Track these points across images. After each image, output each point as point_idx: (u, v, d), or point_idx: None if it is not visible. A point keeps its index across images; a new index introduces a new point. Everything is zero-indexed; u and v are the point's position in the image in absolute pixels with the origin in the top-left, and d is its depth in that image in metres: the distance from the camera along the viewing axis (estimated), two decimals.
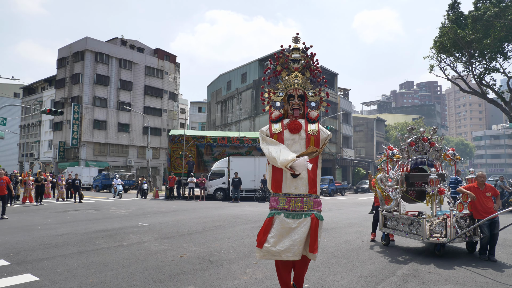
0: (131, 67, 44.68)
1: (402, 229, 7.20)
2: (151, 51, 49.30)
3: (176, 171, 25.45)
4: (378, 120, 59.52)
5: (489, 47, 20.23)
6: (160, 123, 47.37)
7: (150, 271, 5.49)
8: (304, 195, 3.92)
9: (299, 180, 3.89)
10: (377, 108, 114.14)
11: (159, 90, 47.65)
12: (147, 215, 13.24)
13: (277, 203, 3.95)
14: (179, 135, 26.47)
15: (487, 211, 6.49)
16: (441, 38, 21.57)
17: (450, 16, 21.59)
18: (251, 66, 42.36)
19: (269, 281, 5.01)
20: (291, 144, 3.98)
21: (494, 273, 5.61)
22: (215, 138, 27.58)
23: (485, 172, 30.80)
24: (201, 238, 8.31)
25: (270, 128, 4.08)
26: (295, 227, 3.81)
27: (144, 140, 43.84)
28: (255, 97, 40.20)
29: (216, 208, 16.37)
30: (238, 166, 22.36)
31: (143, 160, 43.45)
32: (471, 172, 7.51)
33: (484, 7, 19.58)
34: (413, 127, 7.98)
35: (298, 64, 4.25)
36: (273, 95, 4.27)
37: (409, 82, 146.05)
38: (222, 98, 47.38)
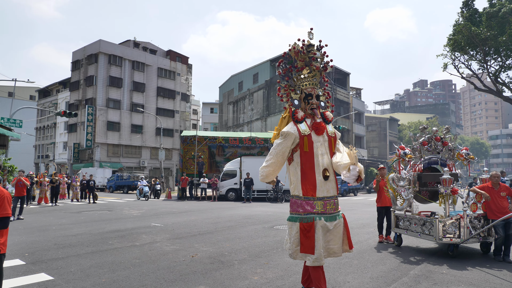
0: (143, 69, 45.14)
1: (414, 230, 7.12)
2: (163, 53, 49.73)
3: (189, 171, 25.61)
4: (391, 119, 58.90)
5: (504, 44, 19.85)
6: (173, 124, 47.74)
7: (161, 271, 5.54)
8: (334, 197, 3.99)
9: (329, 182, 3.94)
10: (390, 107, 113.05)
11: (172, 91, 48.03)
12: (159, 215, 13.36)
13: (312, 207, 3.86)
14: (191, 136, 26.64)
15: (502, 211, 6.37)
16: (455, 36, 21.26)
17: (464, 13, 21.27)
18: (263, 67, 42.38)
19: (279, 281, 5.01)
20: (319, 146, 3.94)
21: (509, 274, 5.51)
22: (227, 139, 27.68)
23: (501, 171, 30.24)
24: (212, 239, 8.35)
25: (298, 130, 3.94)
26: (332, 229, 3.86)
27: (156, 141, 44.24)
28: (267, 97, 40.21)
29: (227, 209, 16.42)
30: (249, 167, 22.38)
31: (156, 161, 43.87)
32: (485, 171, 7.39)
33: (499, 4, 19.24)
34: (426, 127, 7.89)
35: (319, 63, 4.20)
36: (291, 92, 4.17)
37: (423, 81, 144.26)
38: (234, 99, 47.50)
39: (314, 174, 3.88)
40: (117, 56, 42.95)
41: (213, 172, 27.10)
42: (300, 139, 3.90)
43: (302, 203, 3.90)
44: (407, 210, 7.51)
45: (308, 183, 3.87)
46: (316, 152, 3.91)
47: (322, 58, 4.21)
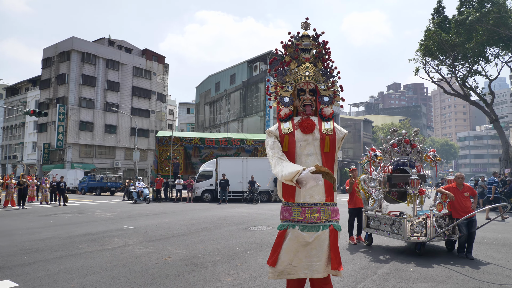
0: (118, 67, 44.34)
1: (384, 229, 7.33)
2: (139, 52, 49.01)
3: (164, 172, 25.34)
4: (366, 121, 60.13)
5: (471, 50, 20.63)
6: (148, 124, 47.10)
7: (133, 274, 5.49)
8: (320, 204, 3.42)
9: (315, 187, 3.40)
10: (365, 109, 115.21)
11: (147, 91, 47.39)
12: (133, 218, 13.18)
13: (290, 214, 3.42)
14: (167, 137, 26.38)
15: (465, 211, 6.66)
16: (426, 42, 21.92)
17: (435, 20, 21.97)
18: (240, 68, 42.40)
19: (252, 283, 5.06)
20: (304, 145, 3.49)
21: (471, 270, 5.76)
22: (203, 140, 27.55)
23: (469, 172, 31.22)
24: (186, 241, 8.32)
25: (279, 128, 3.54)
26: (312, 241, 3.31)
27: (131, 142, 43.53)
28: (244, 98, 40.26)
29: (203, 210, 16.36)
30: (225, 168, 22.37)
31: (130, 162, 43.17)
32: (451, 173, 7.69)
33: (467, 12, 19.96)
34: (396, 129, 8.13)
35: (309, 53, 3.69)
36: (280, 90, 3.70)
37: (396, 84, 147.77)
38: (211, 99, 47.32)
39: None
40: (91, 54, 42.02)
41: (189, 173, 26.92)
42: (280, 138, 3.50)
43: (282, 209, 3.53)
44: (378, 210, 7.72)
45: (288, 187, 3.43)
46: (298, 152, 3.48)
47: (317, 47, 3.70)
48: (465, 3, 20.54)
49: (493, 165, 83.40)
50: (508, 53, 21.72)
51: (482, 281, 5.21)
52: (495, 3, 19.20)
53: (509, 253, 7.09)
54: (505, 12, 19.04)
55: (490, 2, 19.44)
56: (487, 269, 5.87)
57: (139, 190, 21.37)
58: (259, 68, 39.28)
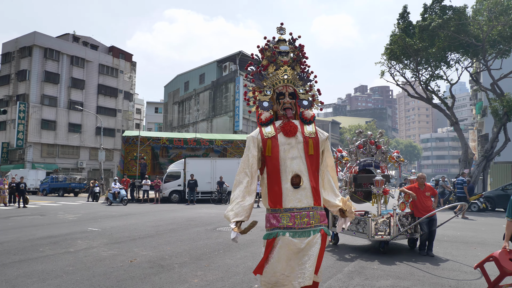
0: (83, 64, 42.99)
1: (349, 228, 7.49)
2: (105, 49, 47.71)
3: (130, 173, 24.82)
4: (333, 122, 61.32)
5: (434, 55, 21.43)
6: (114, 123, 45.93)
7: (97, 277, 5.34)
8: (309, 208, 3.29)
9: (302, 191, 3.30)
10: (333, 111, 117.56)
11: (114, 89, 46.20)
12: (97, 219, 12.82)
13: (278, 221, 3.24)
14: (134, 136, 25.83)
15: (426, 210, 6.93)
16: (391, 46, 22.56)
17: (400, 25, 22.65)
18: (210, 67, 42.16)
19: (219, 283, 5.05)
20: (288, 149, 3.37)
21: (431, 267, 6.00)
22: (171, 140, 27.19)
23: (431, 172, 32.35)
24: (153, 242, 8.18)
25: (261, 132, 3.42)
26: (303, 247, 3.18)
27: (96, 141, 42.28)
28: (213, 98, 40.04)
29: (170, 211, 16.14)
30: (194, 168, 22.16)
31: (95, 162, 41.89)
32: (413, 173, 7.96)
33: (430, 18, 20.70)
34: (362, 131, 8.34)
35: (287, 57, 3.62)
36: (259, 94, 3.62)
37: (363, 86, 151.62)
38: (180, 99, 46.76)
39: (280, 181, 3.31)
40: (54, 50, 40.50)
41: (156, 173, 26.49)
42: (263, 142, 3.38)
43: (269, 216, 3.33)
44: None
45: (274, 192, 3.31)
46: (283, 156, 3.35)
47: (294, 51, 3.64)
48: (429, 10, 21.30)
49: (453, 165, 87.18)
50: (468, 58, 22.74)
51: (441, 277, 5.43)
52: (456, 10, 20.05)
53: (466, 250, 7.43)
54: (465, 20, 19.91)
55: (451, 10, 20.27)
56: (446, 266, 6.13)
57: (115, 191, 20.48)
58: (229, 68, 39.23)
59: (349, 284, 5.04)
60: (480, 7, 20.49)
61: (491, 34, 19.86)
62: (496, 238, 8.99)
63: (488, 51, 21.01)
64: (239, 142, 28.03)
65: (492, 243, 8.30)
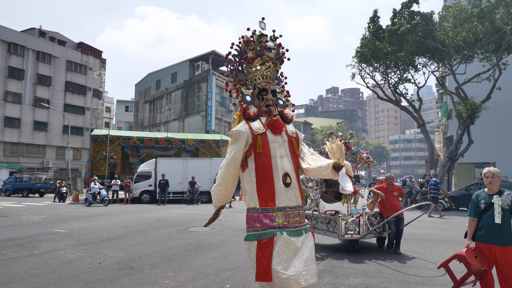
0: (50, 60, 41.49)
1: (320, 228, 7.61)
2: (74, 45, 46.24)
3: (99, 173, 24.19)
4: (305, 123, 62.01)
5: (402, 59, 22.07)
6: (83, 122, 44.60)
7: (63, 280, 5.18)
8: (298, 207, 3.33)
9: (291, 190, 3.28)
10: (305, 111, 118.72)
11: (82, 86, 44.84)
12: (64, 220, 12.42)
13: (272, 220, 3.14)
14: (103, 135, 25.19)
15: (394, 209, 7.13)
16: (362, 49, 23.06)
17: (370, 28, 23.18)
18: (182, 66, 41.67)
19: (190, 284, 5.00)
20: (276, 147, 3.32)
21: (399, 265, 6.18)
22: (142, 139, 26.71)
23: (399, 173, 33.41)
24: (122, 243, 8.01)
25: (250, 128, 3.30)
26: (300, 246, 3.15)
27: (64, 140, 40.92)
28: (185, 97, 39.62)
29: (141, 212, 15.86)
30: (165, 168, 21.86)
31: (62, 161, 40.52)
32: (382, 173, 8.17)
33: (399, 23, 21.32)
34: (332, 132, 8.48)
35: (272, 53, 3.55)
36: (242, 87, 3.54)
37: (335, 88, 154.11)
38: (151, 98, 45.98)
39: (272, 180, 3.23)
40: (19, 45, 38.86)
41: (127, 173, 25.96)
42: (253, 138, 3.27)
43: (259, 216, 3.18)
44: (315, 209, 7.99)
45: (265, 190, 3.21)
46: (273, 154, 3.29)
47: (277, 49, 3.59)
48: (398, 15, 21.91)
49: (420, 166, 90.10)
50: (434, 63, 23.58)
51: (408, 274, 5.61)
52: (424, 16, 20.73)
53: (432, 248, 7.70)
54: (432, 25, 20.63)
55: (419, 15, 20.94)
56: (412, 263, 6.32)
57: (94, 191, 19.70)
58: (202, 68, 38.92)
59: (319, 283, 5.11)
60: (446, 13, 21.27)
61: (456, 40, 20.68)
62: (459, 236, 9.36)
63: (453, 56, 21.87)
64: (212, 142, 27.88)
65: (456, 241, 8.64)
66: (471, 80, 21.98)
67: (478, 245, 3.86)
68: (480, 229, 3.85)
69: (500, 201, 3.76)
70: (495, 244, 3.73)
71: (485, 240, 3.80)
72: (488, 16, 19.24)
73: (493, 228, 3.74)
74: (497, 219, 3.72)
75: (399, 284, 5.09)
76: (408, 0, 21.42)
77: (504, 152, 29.50)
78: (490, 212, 3.79)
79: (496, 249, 3.72)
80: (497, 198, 3.78)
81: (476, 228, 3.92)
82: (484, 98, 21.05)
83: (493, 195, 3.84)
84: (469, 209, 4.03)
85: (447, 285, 5.02)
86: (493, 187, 3.86)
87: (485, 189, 3.96)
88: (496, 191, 3.85)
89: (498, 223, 3.71)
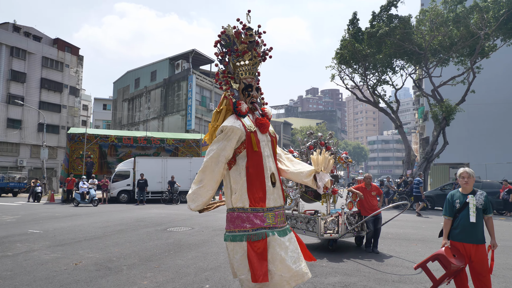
0: (25, 56, 40.31)
1: (300, 227, 7.66)
2: (50, 41, 45.06)
3: (76, 172, 23.67)
4: (285, 123, 62.31)
5: (380, 61, 22.49)
6: (59, 120, 43.52)
7: (38, 282, 5.05)
8: (281, 207, 3.34)
9: (276, 190, 3.27)
10: (285, 112, 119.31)
11: (59, 84, 43.74)
12: (39, 221, 12.09)
13: (263, 221, 3.11)
14: (80, 134, 24.65)
15: (372, 208, 7.26)
16: (341, 50, 23.36)
17: (350, 30, 23.51)
18: (162, 64, 41.20)
19: (170, 285, 4.96)
20: (264, 146, 3.28)
21: (376, 263, 6.29)
22: (120, 138, 26.25)
23: (377, 173, 33.92)
24: (99, 244, 7.86)
25: (243, 125, 3.22)
26: (288, 245, 3.14)
27: (39, 138, 39.84)
28: (165, 96, 39.19)
29: (119, 212, 15.60)
30: (144, 167, 21.57)
31: (37, 160, 39.45)
32: (360, 174, 8.29)
33: (377, 26, 21.70)
34: (312, 132, 8.56)
35: (261, 49, 3.49)
36: (231, 81, 3.41)
37: (315, 89, 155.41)
38: (130, 96, 45.28)
39: (264, 179, 3.19)
40: None
41: (104, 173, 25.48)
42: (247, 136, 3.19)
43: (249, 216, 3.10)
44: (294, 209, 8.04)
45: (257, 190, 3.14)
46: (263, 153, 3.26)
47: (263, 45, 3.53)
48: (377, 18, 22.31)
49: (397, 166, 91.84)
50: (411, 65, 24.11)
51: (386, 272, 5.72)
52: (402, 20, 21.18)
53: (408, 247, 7.87)
54: (409, 29, 21.10)
55: (397, 19, 21.39)
56: (390, 262, 6.45)
57: (83, 191, 18.80)
58: (182, 66, 38.58)
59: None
60: (423, 17, 21.77)
61: (433, 43, 21.20)
62: (435, 235, 9.60)
63: (430, 59, 22.41)
64: (191, 142, 27.69)
65: (431, 239, 8.86)
66: (446, 83, 22.57)
67: (453, 244, 3.97)
68: (456, 228, 3.97)
69: (475, 201, 3.88)
70: (469, 242, 3.86)
71: (460, 239, 3.92)
72: (463, 21, 19.80)
73: (468, 227, 3.86)
74: (472, 218, 3.84)
75: (377, 282, 5.19)
76: (387, 4, 21.83)
77: (477, 153, 30.41)
78: (465, 211, 3.91)
79: (471, 247, 3.85)
80: (472, 198, 3.91)
81: (451, 227, 4.03)
82: (459, 101, 21.64)
83: (467, 195, 3.96)
84: (444, 209, 4.14)
85: (423, 282, 5.15)
86: (469, 187, 3.99)
87: (459, 189, 4.08)
88: (470, 191, 3.98)
89: (473, 222, 3.84)
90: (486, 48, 20.59)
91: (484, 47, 20.38)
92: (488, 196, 3.99)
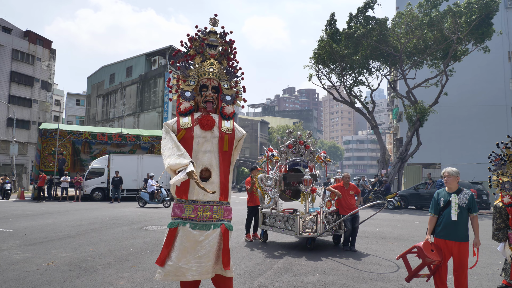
0: None
1: (279, 226, 7.68)
2: (20, 33, 43.45)
3: (47, 169, 22.93)
4: (262, 122, 62.43)
5: (357, 62, 22.81)
6: (30, 115, 42.05)
7: (8, 283, 4.85)
8: (214, 202, 3.41)
9: (209, 184, 3.39)
10: (262, 110, 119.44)
11: (30, 77, 42.25)
12: (8, 219, 11.65)
13: (181, 211, 3.33)
14: (52, 129, 23.91)
15: (350, 207, 7.34)
16: (319, 51, 23.56)
17: (327, 31, 23.73)
18: (138, 60, 40.45)
19: (147, 285, 4.86)
20: (202, 142, 3.45)
21: (354, 262, 6.37)
22: (94, 134, 25.59)
23: (352, 172, 34.51)
24: (73, 243, 7.63)
25: (178, 122, 3.47)
26: (202, 240, 3.27)
27: (8, 134, 38.37)
28: (141, 93, 38.52)
29: (93, 210, 15.22)
30: (119, 165, 21.14)
31: (6, 156, 37.99)
32: (338, 173, 8.38)
33: (354, 27, 22.00)
34: (292, 131, 8.59)
35: (215, 50, 3.69)
36: (182, 83, 3.61)
37: (291, 88, 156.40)
38: (104, 92, 44.26)
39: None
40: None
41: (77, 170, 24.79)
42: (177, 132, 3.44)
43: (174, 206, 3.42)
44: (273, 208, 8.05)
45: (182, 183, 3.30)
46: (195, 149, 3.43)
47: (223, 45, 3.72)
48: (354, 19, 22.60)
49: (372, 166, 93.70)
50: (387, 67, 24.58)
51: (363, 271, 5.80)
52: (378, 21, 21.55)
53: (385, 245, 8.02)
54: (385, 31, 21.50)
55: (374, 21, 21.74)
56: (367, 260, 6.55)
57: (153, 190, 17.18)
58: (158, 63, 38.01)
59: (278, 281, 5.15)
60: (399, 20, 22.22)
61: (408, 46, 21.68)
62: (409, 233, 9.84)
63: (405, 62, 22.90)
64: None
65: (406, 237, 9.06)
66: (420, 85, 23.12)
67: (436, 240, 4.10)
68: (439, 225, 4.11)
69: (457, 199, 4.01)
70: (452, 240, 3.99)
71: (442, 236, 4.05)
72: (437, 25, 20.32)
73: (450, 224, 3.99)
74: (454, 216, 3.97)
75: (355, 280, 5.25)
76: (363, 5, 22.14)
77: (448, 153, 31.29)
78: (448, 209, 4.04)
79: (453, 245, 3.98)
80: (454, 197, 4.03)
81: (435, 224, 4.14)
82: (432, 102, 22.21)
83: (452, 193, 4.08)
84: (430, 206, 4.27)
85: (400, 280, 5.25)
86: (451, 186, 4.12)
87: (445, 188, 4.20)
88: (455, 189, 4.11)
89: (455, 220, 3.96)
90: (458, 52, 21.20)
91: (457, 51, 20.99)
92: (473, 195, 4.12)
